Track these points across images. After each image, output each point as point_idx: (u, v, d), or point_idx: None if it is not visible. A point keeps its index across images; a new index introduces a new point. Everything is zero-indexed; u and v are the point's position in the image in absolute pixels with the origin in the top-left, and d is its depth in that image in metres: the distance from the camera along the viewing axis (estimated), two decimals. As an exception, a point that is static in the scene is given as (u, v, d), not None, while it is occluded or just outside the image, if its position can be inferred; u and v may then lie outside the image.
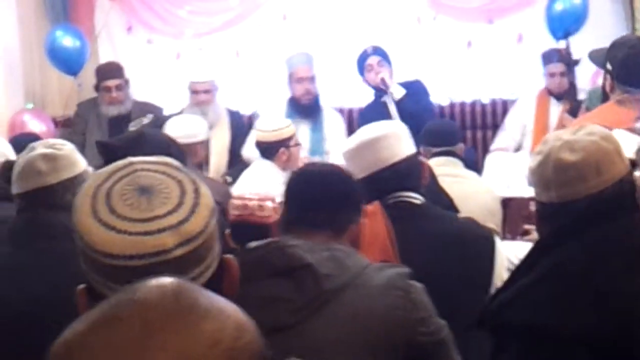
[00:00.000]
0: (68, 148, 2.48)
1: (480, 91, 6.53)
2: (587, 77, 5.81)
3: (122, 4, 6.93)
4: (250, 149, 5.23)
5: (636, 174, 1.95)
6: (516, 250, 2.69)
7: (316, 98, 5.77)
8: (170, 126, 4.68)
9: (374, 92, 5.68)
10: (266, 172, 4.58)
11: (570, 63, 5.73)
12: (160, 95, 6.54)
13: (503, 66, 6.49)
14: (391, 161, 2.60)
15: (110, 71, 6.00)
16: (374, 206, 2.27)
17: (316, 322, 1.76)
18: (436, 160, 3.85)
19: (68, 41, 6.34)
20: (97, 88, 5.97)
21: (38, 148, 2.45)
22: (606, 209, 1.70)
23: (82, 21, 6.77)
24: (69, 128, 6.22)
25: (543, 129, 5.68)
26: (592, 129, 1.82)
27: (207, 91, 5.67)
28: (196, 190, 1.24)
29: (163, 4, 6.89)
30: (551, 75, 5.81)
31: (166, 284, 0.82)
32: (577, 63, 5.71)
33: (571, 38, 5.82)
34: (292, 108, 5.74)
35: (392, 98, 5.45)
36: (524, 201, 4.07)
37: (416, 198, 2.61)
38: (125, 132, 4.14)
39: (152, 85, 6.75)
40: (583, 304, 1.55)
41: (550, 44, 5.99)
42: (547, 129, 5.62)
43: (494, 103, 6.46)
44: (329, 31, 6.59)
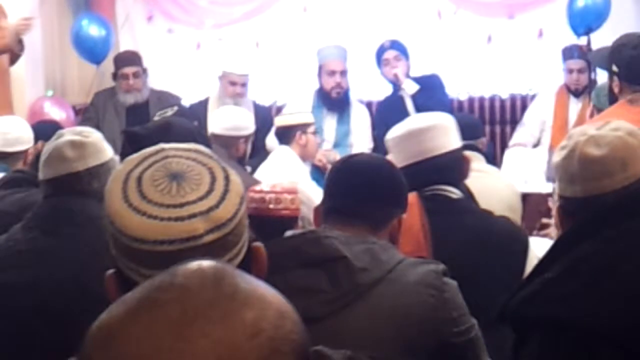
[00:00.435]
0: (96, 136, 2.49)
1: (499, 86, 6.52)
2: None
3: (143, -6, 6.96)
4: (272, 139, 5.24)
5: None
6: (536, 246, 2.68)
7: (346, 92, 5.73)
8: (218, 115, 4.64)
9: (392, 86, 5.68)
10: (284, 158, 4.58)
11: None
12: (179, 85, 6.56)
13: (523, 61, 6.47)
14: (435, 153, 2.57)
15: (127, 59, 6.00)
16: (411, 197, 2.21)
17: (347, 316, 1.74)
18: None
19: (94, 30, 6.36)
20: (115, 76, 5.97)
21: (66, 135, 2.46)
22: (631, 204, 1.69)
23: (104, 10, 6.79)
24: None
25: (562, 125, 5.67)
26: (618, 125, 1.81)
27: (244, 84, 5.65)
28: (227, 177, 1.24)
29: (184, -6, 6.92)
30: (569, 71, 5.80)
31: (206, 269, 0.80)
32: (598, 60, 5.68)
33: (592, 35, 5.79)
34: (320, 100, 5.71)
35: (405, 93, 5.46)
36: (542, 197, 4.07)
37: (454, 192, 2.58)
38: (145, 122, 4.15)
39: (172, 75, 6.76)
40: (608, 298, 1.55)
41: (571, 40, 5.97)
42: (566, 125, 5.62)
43: (513, 98, 6.45)
44: (349, 24, 6.58)
